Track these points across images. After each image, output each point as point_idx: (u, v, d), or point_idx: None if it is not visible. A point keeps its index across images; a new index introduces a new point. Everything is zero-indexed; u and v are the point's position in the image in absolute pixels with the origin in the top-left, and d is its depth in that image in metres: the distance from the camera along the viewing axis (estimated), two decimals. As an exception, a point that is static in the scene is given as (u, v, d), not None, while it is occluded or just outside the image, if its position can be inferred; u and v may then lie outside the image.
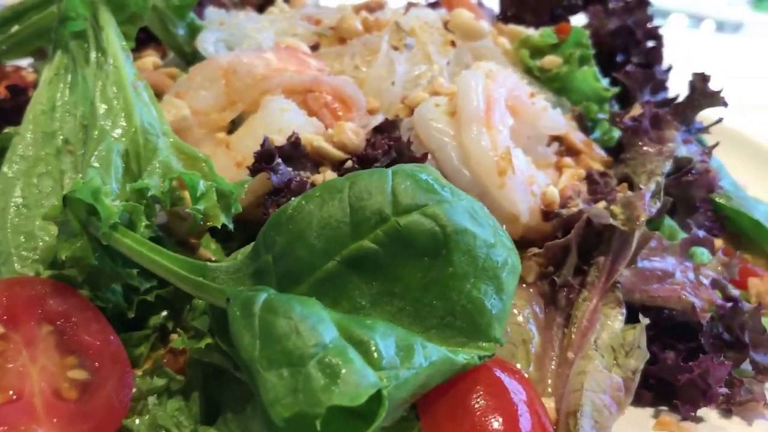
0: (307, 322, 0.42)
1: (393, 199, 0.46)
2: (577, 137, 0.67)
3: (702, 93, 0.66)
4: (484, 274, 0.46)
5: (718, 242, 0.68)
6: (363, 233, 0.45)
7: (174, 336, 0.59)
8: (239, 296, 0.45)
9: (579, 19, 0.94)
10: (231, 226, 0.55)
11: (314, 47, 0.72)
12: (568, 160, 0.65)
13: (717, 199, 0.69)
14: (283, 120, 0.62)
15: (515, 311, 0.55)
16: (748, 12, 1.95)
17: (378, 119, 0.64)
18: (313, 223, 0.46)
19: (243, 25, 0.74)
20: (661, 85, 0.83)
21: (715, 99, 0.66)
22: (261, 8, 0.84)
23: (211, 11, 0.78)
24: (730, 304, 0.56)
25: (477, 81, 0.60)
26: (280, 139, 0.60)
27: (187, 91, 0.67)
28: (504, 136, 0.58)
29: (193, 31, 0.74)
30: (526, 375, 0.55)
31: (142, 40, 0.78)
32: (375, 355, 0.42)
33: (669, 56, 0.95)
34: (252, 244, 0.49)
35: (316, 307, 0.44)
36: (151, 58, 0.74)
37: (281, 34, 0.73)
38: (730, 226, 0.71)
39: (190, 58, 0.74)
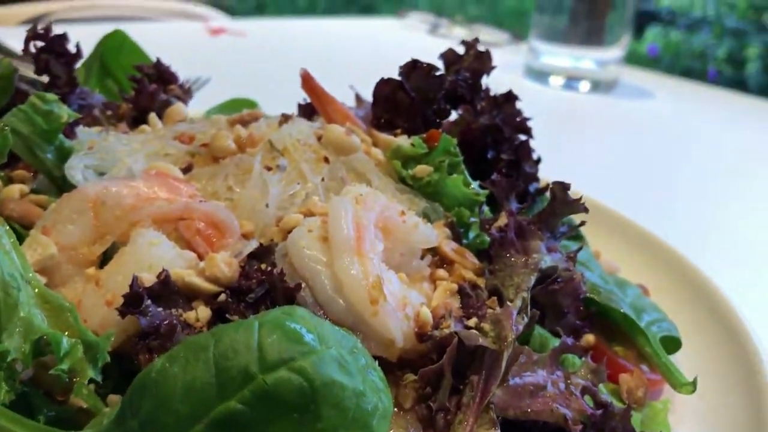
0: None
1: (259, 355, 0.46)
2: (449, 247, 0.68)
3: (563, 201, 0.69)
4: (355, 425, 0.46)
5: (590, 338, 0.71)
6: (229, 394, 0.45)
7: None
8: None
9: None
10: (99, 379, 0.53)
11: (187, 168, 0.72)
12: (441, 272, 0.67)
13: (587, 294, 0.73)
14: (152, 255, 0.61)
15: (394, 439, 0.56)
16: (622, 70, 2.07)
17: (252, 245, 0.64)
18: (178, 387, 0.45)
19: (113, 148, 0.72)
20: (532, 179, 0.87)
21: (575, 207, 0.70)
22: (136, 121, 0.83)
23: (81, 131, 0.76)
24: (600, 411, 0.58)
25: (347, 208, 0.61)
26: (149, 278, 0.59)
27: (54, 225, 0.65)
28: (375, 264, 0.59)
29: (63, 154, 0.73)
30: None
31: (11, 159, 0.76)
32: None
33: (548, 116, 0.99)
34: (118, 407, 0.48)
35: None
36: (17, 186, 0.72)
37: (153, 156, 0.73)
38: (602, 319, 0.74)
39: (60, 182, 0.72)
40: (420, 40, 2.25)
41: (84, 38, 0.91)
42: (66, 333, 0.54)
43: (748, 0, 6.72)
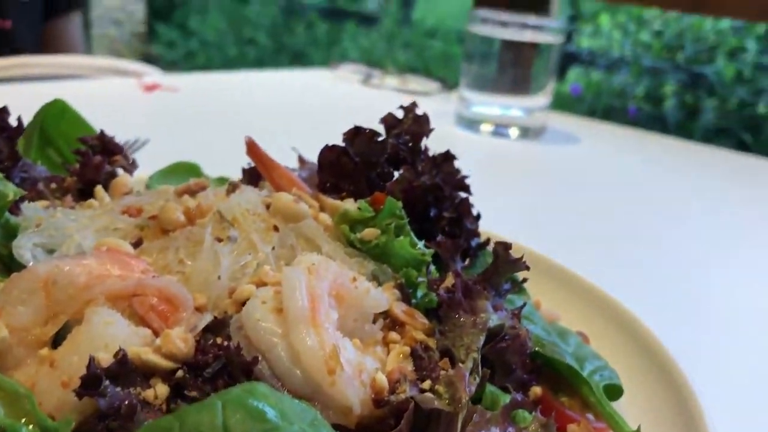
0: None
1: (225, 436, 0.47)
2: (399, 309, 0.71)
3: (505, 260, 0.73)
4: (321, 497, 0.48)
5: (537, 390, 0.74)
6: (198, 476, 0.46)
7: None
8: None
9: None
10: (59, 466, 0.53)
11: (137, 243, 0.73)
12: (393, 334, 0.69)
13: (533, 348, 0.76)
14: (108, 334, 0.61)
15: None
16: (549, 116, 2.15)
17: (207, 318, 0.65)
18: (146, 473, 0.46)
19: (62, 224, 0.72)
20: (473, 235, 0.91)
21: (517, 265, 0.73)
22: (82, 193, 0.83)
23: (27, 207, 0.76)
24: (551, 464, 0.61)
25: (300, 279, 0.63)
26: (106, 357, 0.59)
27: (4, 307, 0.64)
28: (330, 333, 0.61)
29: (9, 232, 0.72)
30: None
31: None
32: None
33: (480, 163, 1.04)
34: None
35: None
36: (-38, 268, 0.71)
37: (102, 231, 0.73)
38: (547, 371, 0.77)
39: (8, 262, 0.72)
40: (353, 91, 2.30)
41: (17, 98, 0.91)
42: (24, 420, 0.54)
43: (662, 41, 7.08)
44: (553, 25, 2.04)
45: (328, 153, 0.87)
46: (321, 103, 2.12)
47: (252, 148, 0.86)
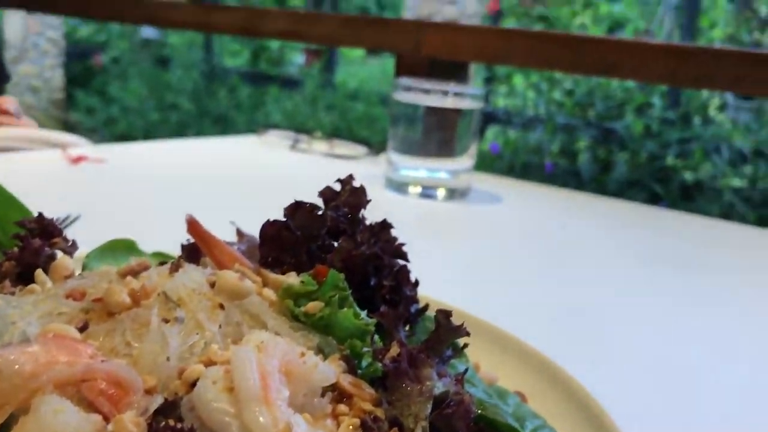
0: None
1: None
2: (346, 381, 0.73)
3: (447, 328, 0.76)
4: None
5: (483, 452, 0.76)
6: None
7: None
8: None
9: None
10: None
11: (83, 327, 0.72)
12: (342, 407, 0.70)
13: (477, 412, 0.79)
14: (58, 423, 0.61)
15: None
16: (474, 177, 2.23)
17: (158, 400, 0.65)
18: None
19: (3, 311, 0.71)
20: (412, 301, 0.94)
21: (458, 332, 0.77)
22: (20, 277, 0.82)
23: (-36, 296, 0.75)
24: None
25: (250, 358, 0.65)
26: (57, 447, 0.58)
27: (-56, 401, 0.63)
28: (283, 410, 0.63)
29: (-55, 322, 0.71)
30: None
31: None
32: None
33: (409, 225, 1.08)
34: None
35: None
36: None
37: (46, 317, 0.72)
38: (489, 432, 0.80)
39: (-57, 352, 0.70)
40: (282, 157, 2.33)
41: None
42: None
43: (573, 99, 7.43)
44: (472, 92, 2.14)
45: (270, 228, 0.89)
46: (251, 170, 2.14)
47: (193, 227, 0.88)
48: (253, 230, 1.01)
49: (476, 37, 2.51)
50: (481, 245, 1.69)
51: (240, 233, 1.08)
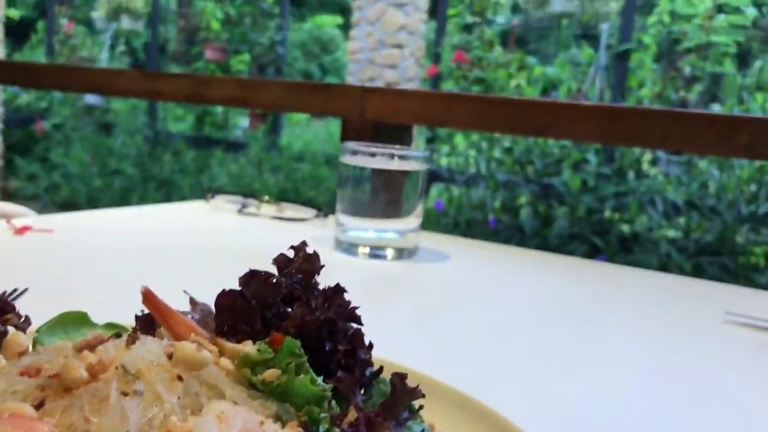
0: None
1: None
2: (305, 447, 0.74)
3: (402, 390, 0.79)
4: None
5: None
6: None
7: None
8: None
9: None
10: None
11: (39, 404, 0.72)
12: (303, 474, 0.72)
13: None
14: (17, 504, 0.61)
15: None
16: (421, 236, 2.27)
17: (118, 475, 0.65)
18: None
19: (-44, 391, 0.71)
20: (367, 364, 0.96)
21: (414, 394, 0.79)
22: (-31, 355, 0.81)
23: None
24: None
25: (210, 428, 0.66)
26: None
27: None
28: (245, 480, 0.64)
29: None
30: None
31: None
32: None
33: (359, 285, 1.10)
34: None
35: None
36: None
37: (1, 396, 0.72)
38: (446, 491, 0.82)
39: None
40: (231, 221, 2.34)
41: None
42: None
43: (513, 157, 7.65)
44: (417, 154, 2.20)
45: (225, 297, 0.91)
46: (200, 236, 2.15)
47: (148, 298, 0.89)
48: (206, 297, 1.03)
49: (418, 102, 2.60)
50: (431, 303, 1.73)
51: (193, 302, 1.09)
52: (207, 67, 10.14)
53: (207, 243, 2.04)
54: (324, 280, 1.07)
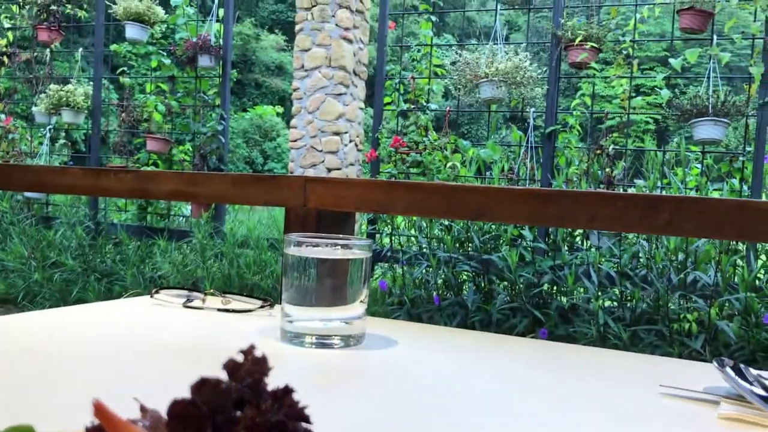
0: None
1: None
2: None
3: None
4: None
5: None
6: None
7: None
8: None
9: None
10: None
11: None
12: None
13: None
14: None
15: None
16: (367, 322, 2.31)
17: None
18: None
19: None
20: (317, 463, 0.98)
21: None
22: None
23: None
24: None
25: None
26: None
27: None
28: None
29: None
30: None
31: None
32: None
33: (306, 375, 1.13)
34: None
35: None
36: None
37: None
38: None
39: None
40: (177, 315, 2.34)
41: None
42: None
43: (452, 235, 7.80)
44: (361, 243, 2.26)
45: (177, 405, 0.92)
46: (146, 334, 2.14)
47: (100, 411, 0.90)
48: (156, 400, 1.05)
49: (360, 190, 2.68)
50: (381, 392, 1.76)
51: (143, 409, 1.10)
52: (149, 157, 10.16)
53: (154, 340, 2.03)
54: (273, 373, 1.09)
